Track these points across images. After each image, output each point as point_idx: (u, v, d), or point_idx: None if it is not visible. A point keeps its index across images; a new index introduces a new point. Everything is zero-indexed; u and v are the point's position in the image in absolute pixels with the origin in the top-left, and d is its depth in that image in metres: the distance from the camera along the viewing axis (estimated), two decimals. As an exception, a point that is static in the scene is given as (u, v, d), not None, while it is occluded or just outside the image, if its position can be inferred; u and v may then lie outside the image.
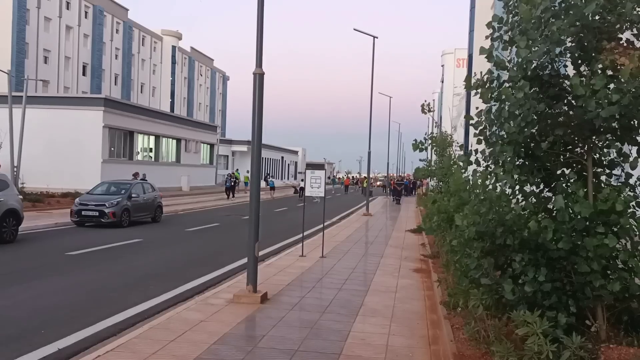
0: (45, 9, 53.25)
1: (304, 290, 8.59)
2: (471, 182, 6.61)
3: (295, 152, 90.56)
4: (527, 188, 5.35)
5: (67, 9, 56.47)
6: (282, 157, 79.85)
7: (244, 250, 11.81)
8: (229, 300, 7.65)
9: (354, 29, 26.24)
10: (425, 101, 11.87)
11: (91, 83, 59.72)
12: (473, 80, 5.47)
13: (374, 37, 26.61)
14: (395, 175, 63.18)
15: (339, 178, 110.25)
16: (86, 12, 59.42)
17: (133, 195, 18.66)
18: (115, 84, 64.93)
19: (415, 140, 9.46)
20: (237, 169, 52.39)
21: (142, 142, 39.33)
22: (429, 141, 12.60)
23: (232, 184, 35.76)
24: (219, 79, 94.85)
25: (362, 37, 27.56)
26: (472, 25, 37.02)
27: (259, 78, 7.91)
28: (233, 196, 32.56)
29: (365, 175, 38.97)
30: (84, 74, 59.37)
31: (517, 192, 5.37)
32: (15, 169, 23.61)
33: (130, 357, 5.24)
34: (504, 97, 5.00)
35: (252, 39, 7.95)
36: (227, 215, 23.89)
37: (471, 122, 5.58)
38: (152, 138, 40.22)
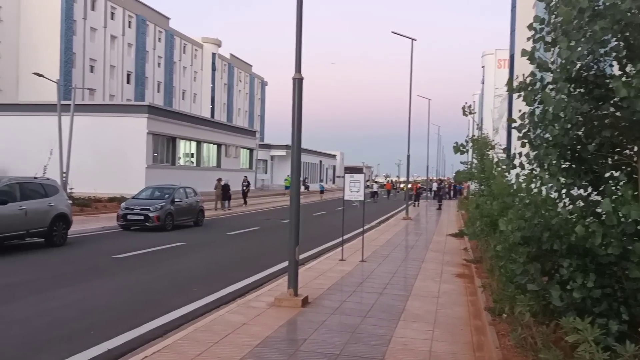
0: (91, 19, 55.18)
1: (344, 295, 8.59)
2: (515, 186, 6.48)
3: (333, 156, 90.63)
4: (574, 191, 5.20)
5: (112, 19, 58.34)
6: (320, 161, 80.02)
7: (283, 253, 11.94)
8: (270, 303, 7.72)
9: (392, 32, 26.12)
10: (466, 103, 11.69)
11: (135, 91, 61.44)
12: (515, 83, 5.36)
13: (412, 39, 26.42)
14: (434, 178, 62.39)
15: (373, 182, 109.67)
16: (130, 22, 61.23)
17: (176, 200, 19.07)
18: (158, 91, 66.61)
19: (456, 142, 9.34)
20: (288, 175, 53.26)
21: (184, 148, 40.16)
22: (470, 144, 12.38)
23: (244, 189, 32.87)
24: (257, 84, 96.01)
25: (400, 39, 27.42)
26: (513, 25, 36.27)
27: (298, 83, 7.97)
28: (228, 205, 29.38)
29: (394, 178, 38.57)
30: (128, 82, 61.15)
31: (563, 195, 5.23)
32: (64, 175, 24.49)
33: (176, 358, 5.35)
34: (546, 99, 4.89)
35: (290, 44, 8.04)
36: (267, 219, 24.13)
37: (514, 124, 5.47)
38: (193, 144, 41.02)
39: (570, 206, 5.14)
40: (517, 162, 5.54)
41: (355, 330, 6.59)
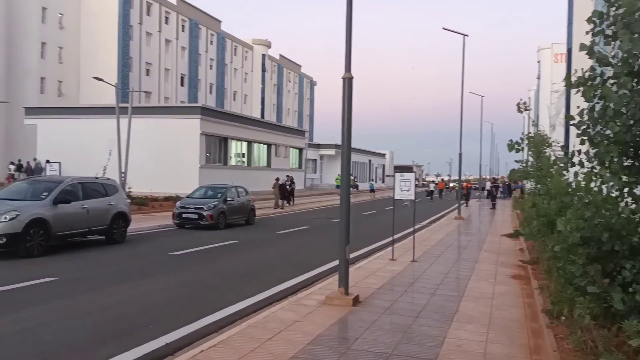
0: (147, 24, 57.07)
1: (395, 294, 8.54)
2: (574, 185, 6.26)
3: (383, 155, 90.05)
4: (637, 190, 4.98)
5: (166, 23, 60.14)
6: (370, 160, 79.70)
7: (333, 252, 11.99)
8: (321, 301, 7.78)
9: (443, 28, 25.72)
10: (521, 99, 11.38)
11: (189, 93, 63.12)
12: (574, 78, 5.18)
13: (464, 35, 25.93)
14: (487, 177, 60.94)
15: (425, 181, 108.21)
16: (183, 26, 62.94)
17: (228, 199, 19.48)
18: (210, 93, 68.17)
19: (511, 140, 9.11)
20: (339, 174, 53.62)
21: (236, 148, 40.93)
22: (526, 141, 12.04)
23: (288, 188, 32.22)
24: (306, 84, 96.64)
25: (451, 35, 26.95)
26: (570, 18, 34.95)
27: (348, 82, 7.98)
28: (289, 203, 30.22)
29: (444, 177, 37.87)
30: (182, 85, 62.89)
31: (625, 194, 5.02)
32: (122, 175, 25.45)
33: (231, 353, 5.49)
34: (607, 95, 4.70)
35: (339, 43, 8.06)
36: (316, 218, 24.26)
37: (572, 121, 5.29)
38: (244, 144, 41.75)
39: (633, 205, 4.93)
40: (575, 160, 5.36)
41: (407, 330, 6.55)
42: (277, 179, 30.19)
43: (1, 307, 7.40)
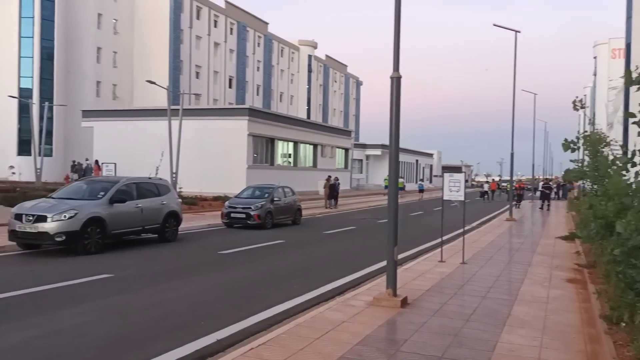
0: (196, 28, 58.44)
1: (444, 297, 8.40)
2: (634, 186, 5.98)
3: (430, 155, 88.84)
4: None
5: (215, 26, 61.40)
6: (417, 160, 78.79)
7: (380, 253, 11.90)
8: (369, 302, 7.74)
9: (494, 25, 25.10)
10: (577, 97, 10.96)
11: (236, 94, 64.23)
12: (634, 75, 4.95)
13: (516, 31, 25.24)
14: (540, 177, 59.08)
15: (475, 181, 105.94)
16: (231, 29, 64.10)
17: (275, 199, 19.68)
18: (257, 94, 69.12)
19: (566, 139, 8.82)
20: (402, 177, 55.11)
21: (282, 148, 41.32)
22: (582, 140, 11.60)
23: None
24: (352, 84, 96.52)
25: (502, 32, 26.29)
26: (629, 12, 33.49)
27: (396, 82, 7.90)
28: (335, 204, 30.31)
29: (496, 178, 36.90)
30: (230, 87, 64.06)
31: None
32: (174, 175, 26.15)
33: (280, 351, 5.53)
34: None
35: (385, 42, 7.99)
36: (363, 218, 24.18)
37: (633, 119, 5.05)
38: (290, 144, 42.09)
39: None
40: (636, 159, 5.12)
41: (458, 333, 6.43)
42: (329, 178, 30.57)
43: (61, 302, 7.73)
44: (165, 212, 14.54)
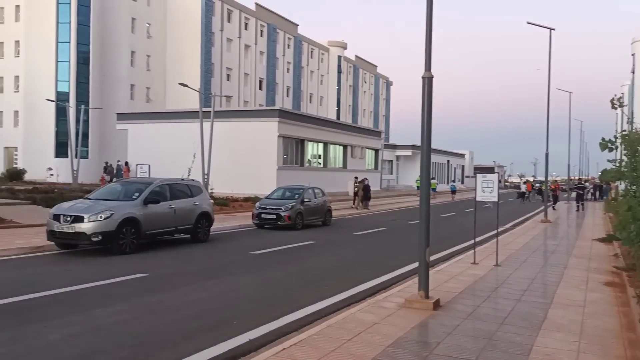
0: (227, 31, 59.10)
1: (477, 299, 8.27)
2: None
3: (462, 155, 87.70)
4: None
5: (246, 29, 61.98)
6: (448, 161, 77.90)
7: (411, 254, 11.79)
8: (400, 304, 7.68)
9: (528, 23, 24.62)
10: (615, 95, 10.62)
11: (266, 96, 64.71)
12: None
13: (550, 29, 24.70)
14: (576, 177, 57.69)
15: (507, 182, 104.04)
16: (262, 31, 64.60)
17: (305, 200, 19.73)
18: (287, 96, 69.48)
19: (603, 139, 8.59)
20: (434, 177, 55.50)
21: (312, 149, 41.43)
22: (620, 139, 11.27)
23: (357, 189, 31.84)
24: (382, 84, 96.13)
25: (536, 30, 25.79)
26: (669, 6, 32.34)
27: (428, 82, 7.83)
28: (361, 204, 30.30)
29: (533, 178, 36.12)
30: (260, 88, 64.57)
31: None
32: (205, 176, 26.51)
33: (312, 352, 5.54)
34: None
35: (416, 40, 7.94)
36: (393, 219, 24.03)
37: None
38: (320, 145, 42.16)
39: None
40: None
41: (492, 337, 6.32)
42: (362, 180, 30.88)
43: (98, 301, 7.92)
44: (198, 212, 14.74)
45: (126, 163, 36.11)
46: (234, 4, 59.85)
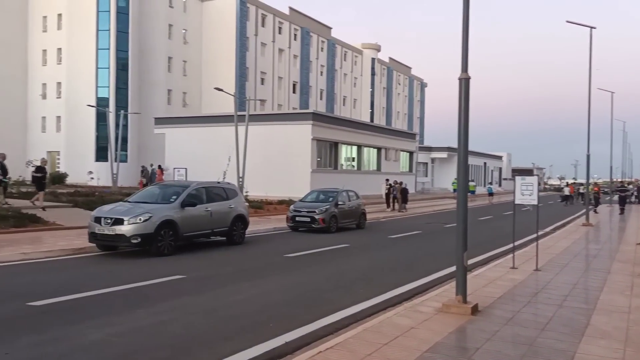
0: (262, 35, 59.70)
1: (517, 305, 8.08)
2: None
3: (499, 158, 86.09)
4: None
5: (279, 33, 62.48)
6: (485, 163, 76.58)
7: (447, 258, 11.65)
8: (437, 309, 7.57)
9: (567, 22, 24.02)
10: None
11: (300, 99, 65.02)
12: None
13: (591, 27, 24.03)
14: (618, 179, 55.86)
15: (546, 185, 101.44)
16: (295, 35, 64.99)
17: (339, 203, 19.71)
18: (321, 99, 69.66)
19: (650, 140, 8.28)
20: (472, 179, 55.60)
21: (346, 152, 41.39)
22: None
23: (389, 191, 32.03)
24: (416, 86, 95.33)
25: (576, 29, 25.10)
26: None
27: (464, 83, 7.71)
28: (392, 207, 30.77)
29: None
30: (294, 92, 64.93)
31: None
32: (240, 179, 26.79)
33: (348, 356, 5.51)
34: None
35: (451, 43, 7.84)
36: (428, 223, 23.77)
37: None
38: (354, 148, 42.08)
39: None
40: None
41: (533, 343, 6.16)
42: (400, 183, 31.38)
43: (138, 301, 8.08)
44: (233, 215, 14.90)
45: (159, 166, 36.83)
46: (268, 8, 60.43)
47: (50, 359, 5.54)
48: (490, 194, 48.24)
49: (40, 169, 19.24)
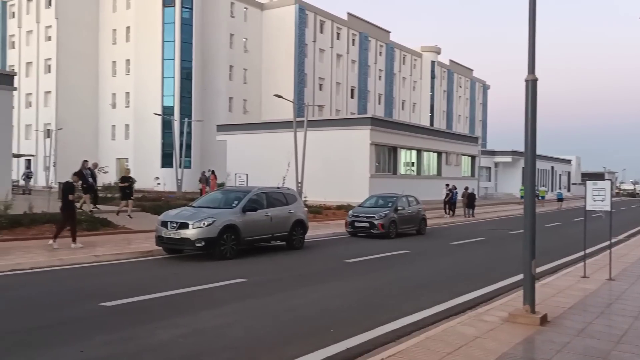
0: (320, 41, 60.23)
1: (589, 316, 7.68)
2: None
3: (568, 161, 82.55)
4: None
5: (337, 39, 62.80)
6: (552, 167, 73.63)
7: (513, 266, 11.26)
8: (503, 318, 7.32)
9: (640, 17, 22.69)
10: None
11: (358, 104, 65.00)
12: None
13: (667, 23, 22.61)
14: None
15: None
16: (353, 40, 65.12)
17: (399, 208, 19.48)
18: (379, 103, 69.36)
19: None
20: (544, 185, 54.50)
21: (405, 157, 40.93)
22: None
23: (449, 197, 30.83)
24: (478, 88, 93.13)
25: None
26: None
27: (531, 85, 7.44)
28: (452, 213, 30.16)
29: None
30: (352, 97, 65.01)
31: None
32: (299, 184, 27.04)
33: (410, 364, 5.42)
34: None
35: (514, 44, 7.58)
36: (492, 229, 23.08)
37: None
38: (413, 152, 41.55)
39: None
40: None
41: (607, 356, 5.84)
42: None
43: (202, 304, 8.30)
44: (293, 220, 15.04)
45: (212, 172, 37.66)
46: (326, 14, 60.90)
47: (121, 358, 5.77)
48: (560, 199, 46.45)
49: (125, 179, 19.87)
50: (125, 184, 19.58)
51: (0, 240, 13.97)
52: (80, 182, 14.51)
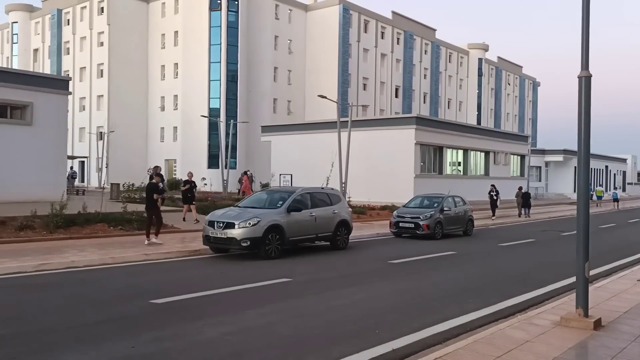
0: (364, 41, 60.03)
1: (648, 321, 7.34)
2: None
3: (623, 160, 79.16)
4: None
5: (382, 38, 62.42)
6: (606, 166, 70.77)
7: (565, 269, 10.90)
8: (555, 322, 7.09)
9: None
10: None
11: (402, 103, 64.38)
12: None
13: None
14: None
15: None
16: (398, 39, 64.57)
17: (445, 209, 19.16)
18: (424, 102, 68.48)
19: None
20: (601, 185, 53.47)
21: (451, 157, 40.23)
22: None
23: (494, 198, 29.62)
24: (528, 86, 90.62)
25: None
26: None
27: (585, 81, 7.17)
28: (493, 214, 28.83)
29: None
30: (396, 96, 64.46)
31: None
32: (343, 185, 27.02)
33: (458, 368, 5.32)
34: None
35: (566, 39, 7.29)
36: (543, 230, 22.41)
37: None
38: (460, 152, 40.79)
39: None
40: None
41: (668, 365, 5.56)
42: (520, 188, 31.52)
43: (248, 302, 8.41)
44: (337, 220, 15.03)
45: (245, 172, 37.90)
46: (370, 14, 60.64)
47: (171, 354, 5.92)
48: (615, 199, 44.73)
49: (186, 182, 19.74)
50: (187, 187, 19.57)
51: (56, 238, 14.60)
52: (160, 184, 14.95)
